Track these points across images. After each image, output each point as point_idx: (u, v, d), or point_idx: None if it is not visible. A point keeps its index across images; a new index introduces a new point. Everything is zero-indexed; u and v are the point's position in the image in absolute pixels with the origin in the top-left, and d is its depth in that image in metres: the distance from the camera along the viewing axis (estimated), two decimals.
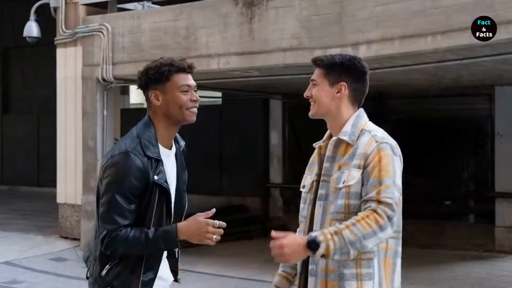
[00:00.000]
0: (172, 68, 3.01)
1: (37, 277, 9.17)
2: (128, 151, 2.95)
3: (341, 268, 2.84)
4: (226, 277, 9.33)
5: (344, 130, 2.97)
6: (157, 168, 2.97)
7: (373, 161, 2.84)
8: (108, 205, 2.93)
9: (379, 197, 2.79)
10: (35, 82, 17.39)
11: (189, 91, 3.04)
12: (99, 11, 10.97)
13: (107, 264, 2.98)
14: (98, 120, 10.63)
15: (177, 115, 3.04)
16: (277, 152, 14.03)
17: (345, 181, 2.86)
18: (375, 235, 2.75)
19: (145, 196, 2.95)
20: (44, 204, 15.08)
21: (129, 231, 2.90)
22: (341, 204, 2.87)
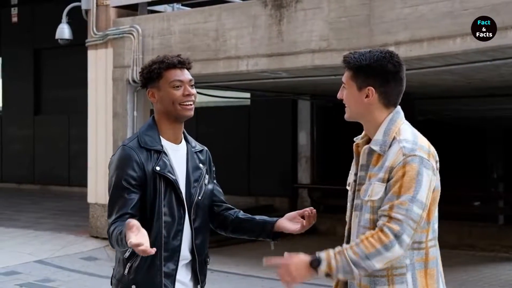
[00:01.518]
0: (162, 65, 3.08)
1: (68, 276, 9.29)
2: (123, 145, 3.06)
3: (373, 284, 2.76)
4: (253, 277, 9.38)
5: (376, 139, 2.81)
6: (159, 159, 3.02)
7: (396, 175, 2.69)
8: (110, 198, 3.02)
9: (390, 212, 2.67)
10: (66, 83, 17.58)
11: (181, 86, 3.08)
12: (130, 13, 11.07)
13: (128, 263, 3.03)
14: (128, 121, 10.74)
15: (172, 111, 3.08)
16: (305, 153, 14.06)
17: (370, 195, 2.76)
18: (380, 255, 2.65)
19: (147, 186, 2.99)
20: (75, 204, 15.26)
21: (113, 227, 2.92)
22: (367, 218, 2.78)
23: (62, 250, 10.70)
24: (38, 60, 18.60)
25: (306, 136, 14.08)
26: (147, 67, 3.13)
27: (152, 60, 3.15)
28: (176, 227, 3.06)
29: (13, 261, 9.83)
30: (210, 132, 14.27)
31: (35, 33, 18.00)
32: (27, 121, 18.74)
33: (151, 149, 3.04)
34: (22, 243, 11.03)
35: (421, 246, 2.77)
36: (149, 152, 3.03)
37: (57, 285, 8.77)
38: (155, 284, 3.04)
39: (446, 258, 10.71)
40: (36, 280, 8.93)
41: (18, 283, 8.70)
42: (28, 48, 18.39)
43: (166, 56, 3.12)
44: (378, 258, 2.64)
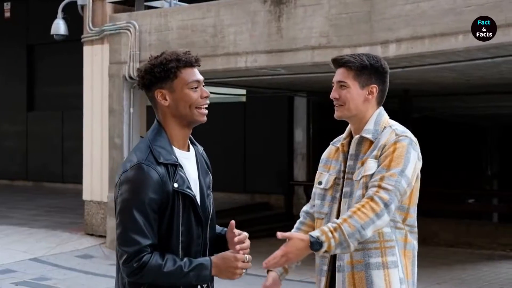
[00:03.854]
0: (180, 63, 2.73)
1: (64, 274, 9.22)
2: (140, 162, 2.66)
3: (367, 257, 2.90)
4: (252, 276, 9.25)
5: (367, 128, 3.01)
6: (176, 175, 2.70)
7: (387, 151, 2.90)
8: (125, 225, 2.64)
9: (381, 182, 2.84)
10: (60, 79, 17.47)
11: (198, 87, 2.76)
12: (126, 9, 10.99)
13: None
14: (124, 118, 10.65)
15: (187, 115, 2.75)
16: (301, 150, 14.00)
17: (364, 171, 2.92)
18: (373, 223, 2.79)
19: (167, 208, 2.67)
20: (69, 201, 15.17)
21: (162, 260, 2.63)
22: (359, 194, 2.92)
23: (57, 247, 10.62)
24: (31, 56, 18.45)
25: (302, 133, 14.01)
26: (160, 65, 2.73)
27: (163, 57, 2.75)
28: (194, 247, 2.77)
29: (8, 259, 9.74)
30: (205, 129, 14.07)
31: (28, 28, 17.86)
32: (20, 117, 18.60)
33: (167, 163, 2.70)
34: (17, 241, 10.94)
35: (399, 226, 2.96)
36: (166, 168, 2.69)
37: (53, 283, 8.68)
38: None
39: (444, 256, 10.68)
40: (31, 278, 8.84)
41: (13, 282, 8.61)
42: (21, 44, 18.24)
43: (178, 53, 2.77)
44: (371, 227, 2.79)
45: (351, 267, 2.94)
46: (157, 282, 2.66)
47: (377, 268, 2.91)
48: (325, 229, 2.78)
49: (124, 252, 2.65)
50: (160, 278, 2.64)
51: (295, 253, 2.78)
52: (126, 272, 2.66)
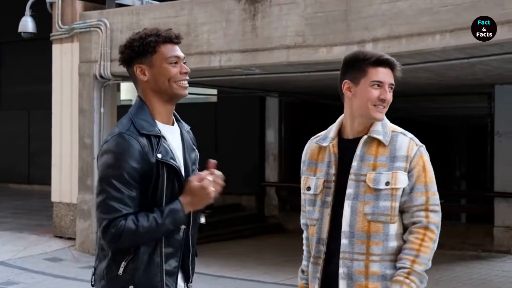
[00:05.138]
0: (159, 38, 2.76)
1: (33, 277, 9.02)
2: (121, 132, 2.68)
3: (383, 269, 2.85)
4: (225, 278, 9.23)
5: (376, 130, 2.90)
6: (159, 146, 2.72)
7: (417, 165, 2.86)
8: (106, 193, 2.65)
9: (428, 205, 2.85)
10: (27, 78, 17.17)
11: (178, 63, 2.78)
12: (97, 7, 10.82)
13: (123, 261, 2.71)
14: (95, 118, 10.46)
15: (167, 90, 2.76)
16: (273, 150, 13.93)
17: (391, 183, 2.82)
18: (433, 251, 2.87)
19: (150, 178, 2.69)
20: (35, 202, 14.91)
21: (135, 220, 2.64)
22: (386, 206, 2.83)
23: (24, 250, 10.38)
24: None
25: (274, 133, 13.94)
26: (139, 39, 2.75)
27: (143, 32, 2.78)
28: None
29: None
30: None
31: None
32: None
33: (150, 134, 2.71)
34: None
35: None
36: (149, 139, 2.70)
37: (21, 287, 8.47)
38: (155, 284, 2.74)
39: None
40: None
41: None
42: None
43: (158, 29, 2.80)
44: (432, 254, 2.86)
45: (365, 277, 2.84)
46: (137, 242, 2.68)
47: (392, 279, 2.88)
48: (400, 278, 2.80)
49: (104, 219, 2.66)
50: (139, 238, 2.66)
51: None
52: (107, 240, 2.67)
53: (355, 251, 2.83)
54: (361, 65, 2.90)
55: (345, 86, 2.94)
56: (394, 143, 2.88)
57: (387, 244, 2.83)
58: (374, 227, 2.82)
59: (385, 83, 2.90)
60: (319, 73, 9.06)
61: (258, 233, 12.79)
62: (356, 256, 2.83)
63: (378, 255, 2.82)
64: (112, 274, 2.73)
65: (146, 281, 2.73)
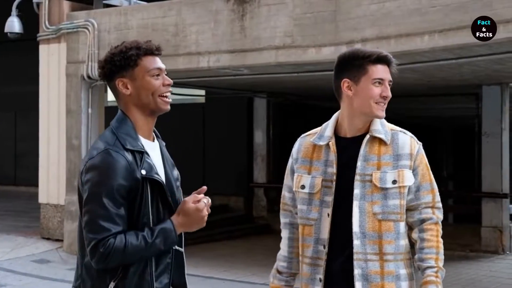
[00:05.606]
0: (140, 51, 2.71)
1: (20, 279, 8.95)
2: (108, 148, 2.61)
3: (397, 269, 2.86)
4: (214, 279, 9.20)
5: (377, 129, 2.88)
6: (142, 161, 2.64)
7: (421, 163, 2.91)
8: (94, 212, 2.56)
9: (434, 203, 2.91)
10: (13, 79, 17.06)
11: (160, 74, 2.73)
12: (84, 7, 10.77)
13: (111, 282, 2.62)
14: (82, 118, 10.41)
15: (150, 104, 2.71)
16: (261, 151, 13.91)
17: (398, 181, 2.84)
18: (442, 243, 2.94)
19: (136, 196, 2.61)
20: (22, 204, 14.82)
21: (124, 239, 2.56)
22: (396, 204, 2.85)
23: (12, 252, 10.31)
24: None
25: (262, 134, 13.92)
26: (120, 53, 2.70)
27: (124, 46, 2.73)
28: None
29: None
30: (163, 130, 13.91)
31: None
32: None
33: (134, 150, 2.65)
34: None
35: None
36: (133, 155, 2.64)
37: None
38: None
39: None
40: None
41: None
42: None
43: (138, 42, 2.75)
44: None
45: (381, 277, 2.83)
46: (126, 261, 2.60)
47: (405, 279, 2.89)
48: (433, 279, 2.85)
49: (92, 239, 2.57)
50: (128, 257, 2.59)
51: None
52: (95, 259, 2.58)
53: (368, 251, 2.82)
54: (362, 63, 2.87)
55: (345, 85, 2.90)
56: (396, 142, 2.88)
57: (398, 243, 2.84)
58: (385, 226, 2.83)
59: (385, 80, 2.89)
60: (307, 73, 9.07)
61: (247, 234, 12.77)
62: (370, 256, 2.82)
63: (391, 254, 2.83)
64: None
65: None
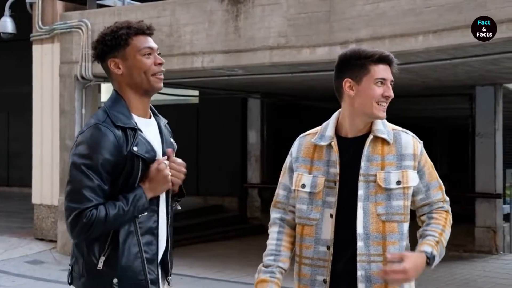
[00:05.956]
0: (130, 30, 2.74)
1: (13, 280, 8.91)
2: (97, 123, 2.67)
3: None
4: (208, 280, 9.18)
5: (379, 128, 2.86)
6: (135, 138, 2.69)
7: (426, 163, 2.91)
8: (78, 182, 2.61)
9: (444, 197, 2.96)
10: (6, 79, 17.01)
11: (151, 54, 2.76)
12: (78, 8, 10.75)
13: (101, 256, 2.69)
14: (76, 119, 10.39)
15: (142, 83, 2.75)
16: (255, 152, 13.91)
17: (402, 182, 2.82)
18: (450, 233, 2.95)
19: (122, 170, 2.67)
20: (15, 204, 14.76)
21: (105, 209, 2.62)
22: (400, 205, 2.83)
23: (5, 253, 10.27)
24: None
25: (256, 135, 13.92)
26: (111, 33, 2.74)
27: (115, 26, 2.76)
28: (150, 208, 2.75)
29: None
30: None
31: None
32: None
33: (126, 127, 2.69)
34: None
35: None
36: (124, 131, 2.68)
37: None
38: (139, 273, 2.72)
39: None
40: None
41: None
42: None
43: (129, 21, 2.78)
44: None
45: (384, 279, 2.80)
46: (105, 231, 2.67)
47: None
48: (431, 243, 2.83)
49: (75, 208, 2.62)
50: (107, 226, 2.66)
51: (414, 270, 2.74)
52: (76, 230, 2.63)
53: (371, 252, 2.77)
54: (364, 62, 2.84)
55: (346, 85, 2.86)
56: (399, 142, 2.86)
57: (402, 243, 2.81)
58: (389, 227, 2.80)
59: (387, 80, 2.86)
60: (302, 74, 9.06)
61: (241, 235, 12.76)
62: (374, 257, 2.78)
63: None
64: (92, 270, 2.71)
65: (128, 272, 2.70)
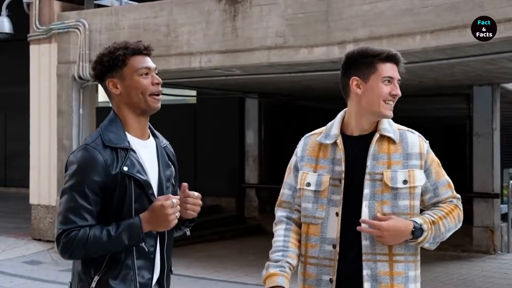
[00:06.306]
0: (127, 51, 2.76)
1: (11, 281, 8.89)
2: (86, 144, 2.69)
3: (407, 270, 2.82)
4: (207, 280, 9.17)
5: (385, 127, 2.86)
6: (126, 158, 2.70)
7: (433, 161, 2.90)
8: (65, 204, 2.65)
9: (454, 195, 2.93)
10: (3, 79, 17.00)
11: (149, 74, 2.78)
12: (75, 7, 10.73)
13: (95, 275, 2.70)
14: (74, 119, 10.37)
15: (140, 103, 2.76)
16: (253, 152, 13.90)
17: (409, 181, 2.81)
18: (455, 228, 2.90)
19: (113, 191, 2.67)
20: (12, 205, 14.75)
21: (88, 231, 2.63)
22: (405, 205, 2.82)
23: (2, 254, 10.26)
24: None
25: (253, 135, 13.91)
26: (108, 53, 2.77)
27: (112, 46, 2.79)
28: (149, 232, 2.72)
29: None
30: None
31: None
32: None
33: (116, 147, 2.70)
34: None
35: None
36: (115, 151, 2.69)
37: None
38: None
39: None
40: None
41: None
42: None
43: (127, 42, 2.81)
44: (452, 231, 2.89)
45: (390, 278, 2.78)
46: (90, 253, 2.66)
47: (413, 281, 2.85)
48: (426, 219, 2.79)
49: (59, 229, 2.67)
50: (91, 248, 2.65)
51: (392, 233, 2.72)
52: (61, 247, 2.67)
53: (377, 252, 2.77)
54: (371, 61, 2.85)
55: (354, 83, 2.87)
56: (406, 141, 2.86)
57: (408, 243, 2.80)
58: None
59: (394, 79, 2.89)
60: (299, 74, 9.06)
61: (238, 235, 12.76)
62: (379, 257, 2.77)
63: (401, 254, 2.79)
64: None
65: None
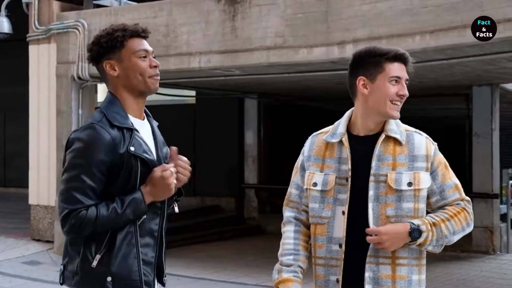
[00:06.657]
0: (126, 32, 2.77)
1: (10, 281, 8.88)
2: (93, 123, 2.68)
3: (410, 274, 2.78)
4: (206, 280, 9.16)
5: (391, 128, 2.82)
6: (132, 138, 2.71)
7: (440, 164, 2.84)
8: (71, 183, 2.64)
9: (462, 197, 2.86)
10: (3, 79, 16.98)
11: (147, 56, 2.78)
12: (74, 8, 10.73)
13: (97, 254, 2.69)
14: (73, 119, 10.36)
15: (139, 84, 2.77)
16: (252, 152, 13.89)
17: (413, 183, 2.76)
18: (462, 232, 2.82)
19: (119, 170, 2.67)
20: (12, 205, 14.74)
21: (96, 211, 2.63)
22: (409, 207, 2.77)
23: (2, 254, 10.25)
24: None
25: (252, 135, 13.90)
26: (106, 35, 2.77)
27: (110, 28, 2.79)
28: (153, 209, 2.77)
29: None
30: None
31: None
32: None
33: (122, 127, 2.71)
34: None
35: None
36: (121, 131, 2.70)
37: None
38: (134, 273, 2.72)
39: None
40: None
41: None
42: None
43: (125, 24, 2.83)
44: (459, 234, 2.82)
45: (392, 281, 2.75)
46: (96, 231, 2.67)
47: (417, 286, 2.81)
48: (425, 220, 2.74)
49: (65, 208, 2.65)
50: (98, 227, 2.66)
51: (391, 236, 2.69)
52: (66, 229, 2.67)
53: (380, 255, 2.74)
54: (378, 60, 2.80)
55: (361, 83, 2.82)
56: (412, 142, 2.81)
57: (412, 247, 2.76)
58: None
59: (402, 79, 2.81)
60: (299, 74, 9.06)
61: (238, 235, 12.75)
62: (382, 260, 2.74)
63: (404, 258, 2.76)
64: (86, 268, 2.70)
65: (123, 271, 2.70)
